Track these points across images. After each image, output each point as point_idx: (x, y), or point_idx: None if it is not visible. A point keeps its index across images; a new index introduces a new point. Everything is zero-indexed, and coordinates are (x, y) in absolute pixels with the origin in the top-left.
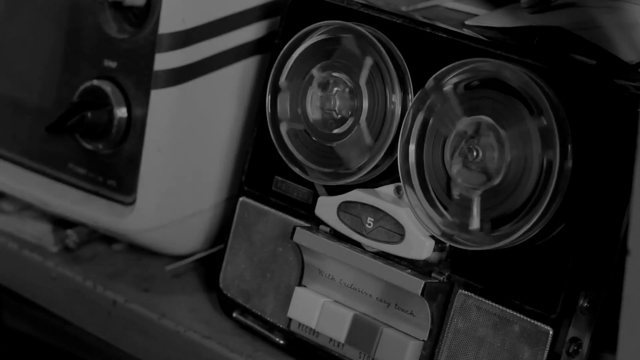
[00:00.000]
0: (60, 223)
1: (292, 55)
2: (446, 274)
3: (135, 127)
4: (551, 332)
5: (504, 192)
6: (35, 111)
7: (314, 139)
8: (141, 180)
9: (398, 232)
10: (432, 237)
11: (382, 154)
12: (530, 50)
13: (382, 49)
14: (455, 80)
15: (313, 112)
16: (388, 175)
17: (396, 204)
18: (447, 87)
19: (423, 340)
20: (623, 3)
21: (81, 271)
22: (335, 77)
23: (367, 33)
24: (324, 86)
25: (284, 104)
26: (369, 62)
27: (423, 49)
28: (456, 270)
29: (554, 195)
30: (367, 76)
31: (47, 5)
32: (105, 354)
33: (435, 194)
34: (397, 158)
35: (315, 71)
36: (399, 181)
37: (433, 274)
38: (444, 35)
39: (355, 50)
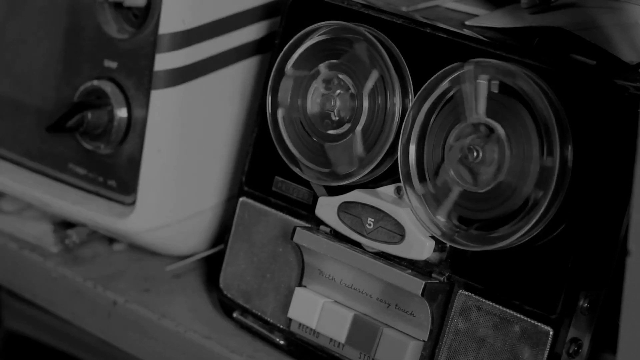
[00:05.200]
0: (61, 223)
1: (297, 51)
2: (446, 274)
3: (135, 128)
4: (551, 333)
5: (493, 199)
6: (35, 111)
7: (308, 133)
8: (141, 181)
9: (398, 233)
10: (433, 237)
11: (382, 154)
12: (530, 50)
13: (382, 49)
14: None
15: (312, 106)
16: (388, 175)
17: (396, 205)
18: (482, 80)
19: (423, 341)
20: (623, 3)
21: (81, 271)
22: (341, 78)
23: (367, 34)
24: (328, 84)
25: (286, 90)
26: (375, 75)
27: (423, 49)
28: (456, 271)
29: (554, 196)
30: (371, 88)
31: (47, 5)
32: (105, 354)
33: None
34: (397, 158)
35: (322, 67)
36: (399, 181)
37: (433, 275)
38: (444, 36)
39: (365, 59)
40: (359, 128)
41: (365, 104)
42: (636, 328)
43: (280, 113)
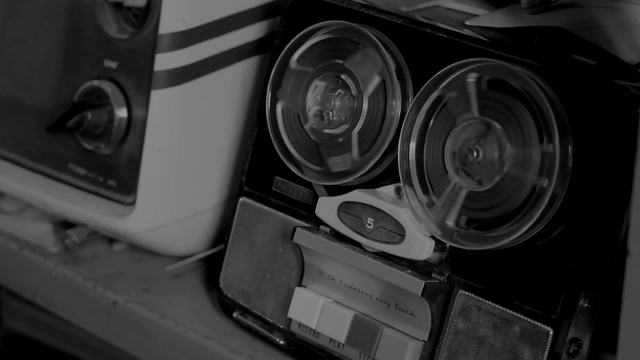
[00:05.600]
0: (60, 223)
1: (297, 51)
2: (446, 274)
3: (135, 128)
4: (551, 333)
5: (493, 198)
6: (35, 111)
7: (305, 131)
8: (141, 180)
9: (398, 233)
10: (433, 237)
11: (381, 153)
12: (530, 50)
13: (383, 49)
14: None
15: (312, 103)
16: (388, 175)
17: (396, 205)
18: (470, 79)
19: (423, 341)
20: (623, 3)
21: (81, 271)
22: (343, 79)
23: (368, 33)
24: (330, 83)
25: (287, 84)
26: (376, 80)
27: (423, 49)
28: (456, 271)
29: (554, 196)
30: (372, 92)
31: (47, 5)
32: (105, 354)
33: (435, 194)
34: (397, 158)
35: (326, 66)
36: (399, 181)
37: (433, 275)
38: (444, 36)
39: (369, 63)
40: (356, 130)
41: (365, 106)
42: (636, 328)
43: (280, 106)
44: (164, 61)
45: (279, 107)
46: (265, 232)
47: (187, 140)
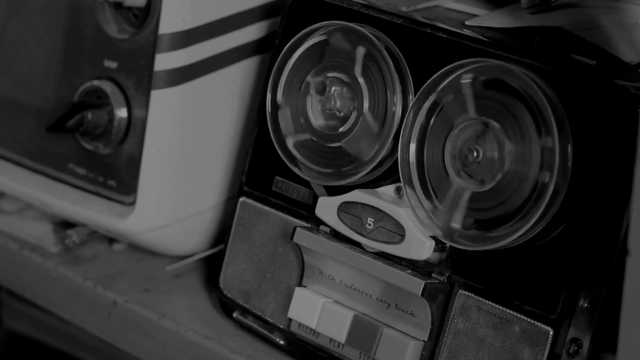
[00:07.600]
0: (61, 223)
1: (297, 51)
2: (446, 274)
3: (135, 128)
4: (551, 333)
5: (494, 198)
6: (35, 111)
7: (320, 143)
8: (141, 180)
9: (398, 233)
10: (433, 237)
11: (382, 154)
12: (530, 50)
13: (383, 49)
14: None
15: (316, 118)
16: (388, 175)
17: (396, 205)
18: (465, 80)
19: (423, 341)
20: (623, 3)
21: (81, 271)
22: (331, 77)
23: (368, 34)
24: (322, 90)
25: (285, 118)
26: (360, 52)
27: (423, 49)
28: (456, 271)
29: (554, 196)
30: (362, 67)
31: (47, 5)
32: (105, 354)
33: (435, 194)
34: (397, 158)
35: (310, 77)
36: (399, 181)
37: (433, 275)
38: (444, 36)
39: (346, 45)
40: (365, 108)
41: (363, 83)
42: (636, 328)
43: (290, 142)
44: (164, 61)
45: (290, 142)
46: (265, 232)
47: (187, 140)
